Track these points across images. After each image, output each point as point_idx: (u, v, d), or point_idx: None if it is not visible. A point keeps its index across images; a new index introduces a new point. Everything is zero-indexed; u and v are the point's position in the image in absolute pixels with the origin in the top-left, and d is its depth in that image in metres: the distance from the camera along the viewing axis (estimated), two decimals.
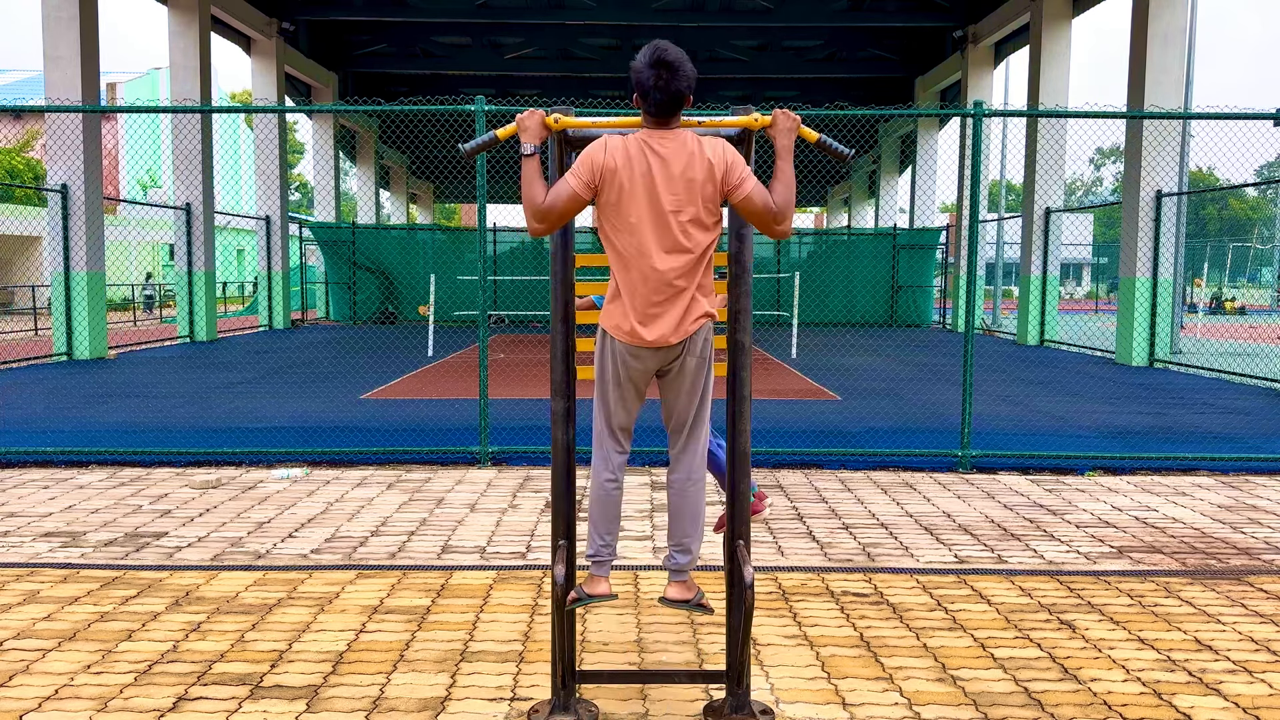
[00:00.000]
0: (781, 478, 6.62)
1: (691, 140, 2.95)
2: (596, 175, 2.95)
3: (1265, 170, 61.65)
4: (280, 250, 21.42)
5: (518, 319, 23.15)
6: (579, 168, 2.96)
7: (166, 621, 3.87)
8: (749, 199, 2.96)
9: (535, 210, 2.95)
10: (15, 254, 32.04)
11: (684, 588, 3.18)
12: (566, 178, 2.97)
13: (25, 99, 35.89)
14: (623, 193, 2.94)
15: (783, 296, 23.36)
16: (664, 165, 2.93)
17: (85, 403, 9.51)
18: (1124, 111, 8.19)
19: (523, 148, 2.96)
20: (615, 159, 2.93)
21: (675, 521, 3.20)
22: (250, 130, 46.99)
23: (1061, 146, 17.88)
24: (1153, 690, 3.32)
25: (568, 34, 25.12)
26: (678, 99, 2.94)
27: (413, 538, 5.11)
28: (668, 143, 2.94)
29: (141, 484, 6.31)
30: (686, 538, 3.18)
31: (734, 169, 2.95)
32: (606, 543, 3.18)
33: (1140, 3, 14.30)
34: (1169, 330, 14.71)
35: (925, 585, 4.39)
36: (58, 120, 13.69)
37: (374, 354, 15.01)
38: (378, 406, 9.39)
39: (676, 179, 2.93)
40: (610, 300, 3.08)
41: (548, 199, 2.96)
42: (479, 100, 6.61)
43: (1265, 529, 5.44)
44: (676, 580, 3.19)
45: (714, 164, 2.93)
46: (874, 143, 30.40)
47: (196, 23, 17.84)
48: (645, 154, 2.93)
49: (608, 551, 3.19)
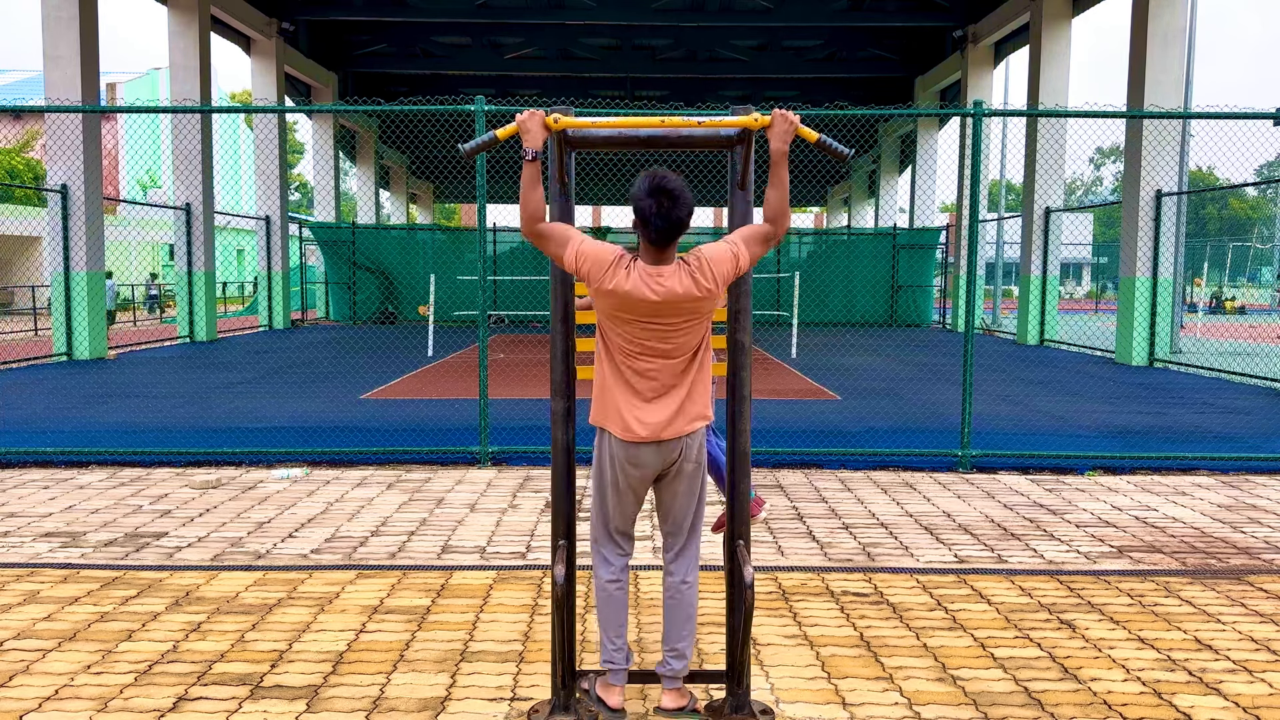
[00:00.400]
0: (781, 478, 6.62)
1: (686, 281, 2.88)
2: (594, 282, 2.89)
3: (1265, 170, 61.66)
4: (280, 250, 21.42)
5: (518, 319, 23.15)
6: (584, 256, 2.89)
7: (166, 622, 3.87)
8: (752, 260, 2.95)
9: (531, 221, 2.93)
10: (15, 254, 32.04)
11: (679, 695, 3.09)
12: (571, 238, 2.92)
13: (25, 99, 35.89)
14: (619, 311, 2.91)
15: (783, 296, 23.36)
16: (657, 307, 2.88)
17: (85, 403, 9.51)
18: (1124, 111, 8.19)
19: (524, 152, 2.95)
20: (622, 285, 2.86)
21: (671, 624, 3.10)
22: (250, 130, 46.99)
23: (1061, 146, 17.88)
24: (1153, 690, 3.32)
25: (568, 34, 25.12)
26: (678, 227, 2.90)
27: (413, 538, 5.11)
28: (665, 281, 2.88)
29: (141, 484, 6.31)
30: (681, 642, 3.08)
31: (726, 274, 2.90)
32: (619, 647, 3.07)
33: (1140, 2, 14.30)
34: (1169, 330, 14.71)
35: (925, 585, 4.39)
36: (58, 120, 13.69)
37: (374, 354, 15.01)
38: (378, 406, 9.39)
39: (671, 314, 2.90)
40: (599, 395, 3.02)
41: (547, 228, 2.93)
42: (479, 100, 6.61)
43: (1265, 528, 5.44)
44: (672, 688, 3.09)
45: (712, 290, 2.89)
46: (874, 143, 30.39)
47: (196, 23, 17.84)
48: (644, 286, 2.88)
49: (621, 657, 3.07)
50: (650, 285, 2.86)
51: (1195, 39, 16.55)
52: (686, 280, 2.88)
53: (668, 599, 3.13)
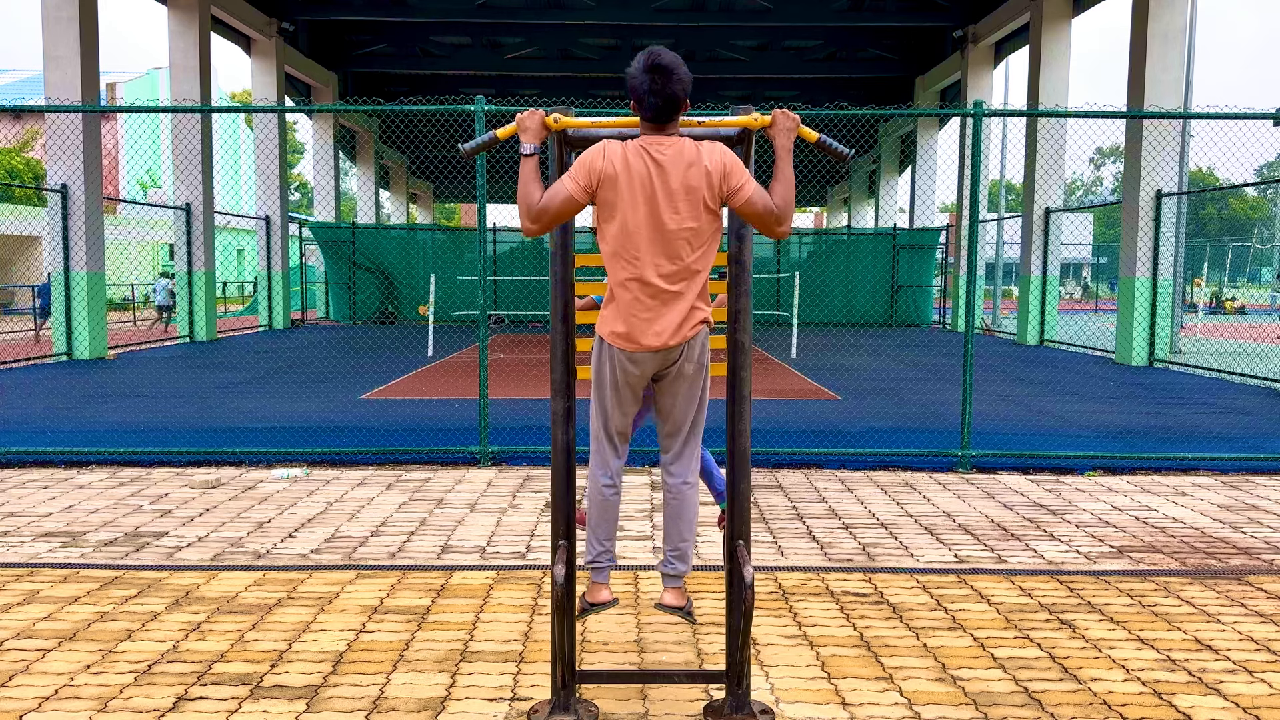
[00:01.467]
0: (781, 478, 6.62)
1: (690, 148, 2.92)
2: (594, 180, 2.93)
3: (1265, 170, 61.65)
4: (280, 250, 21.42)
5: (518, 319, 23.15)
6: (576, 171, 2.94)
7: (166, 621, 3.87)
8: (749, 202, 2.95)
9: (530, 210, 2.94)
10: (15, 254, 32.04)
11: (679, 594, 3.20)
12: (563, 180, 2.95)
13: (25, 99, 35.89)
14: (621, 199, 2.92)
15: (783, 296, 23.36)
16: (663, 174, 2.90)
17: (85, 403, 9.51)
18: (1124, 111, 8.20)
19: (522, 148, 2.95)
20: (614, 165, 2.91)
21: (672, 525, 3.19)
22: (250, 130, 46.99)
23: (1061, 146, 17.89)
24: (1153, 690, 3.32)
25: (568, 34, 25.12)
26: (674, 103, 2.92)
27: (413, 538, 5.11)
28: (666, 149, 2.91)
29: (141, 484, 6.31)
30: (684, 542, 3.18)
31: (733, 173, 2.94)
32: (606, 548, 3.18)
33: (1140, 2, 14.30)
34: (1169, 330, 14.72)
35: (925, 585, 4.39)
36: (57, 120, 13.69)
37: (374, 354, 15.01)
38: (377, 406, 9.39)
39: (676, 190, 2.91)
40: (606, 304, 3.07)
41: (543, 200, 2.93)
42: (479, 100, 6.61)
43: (1265, 529, 5.44)
44: (673, 587, 3.20)
45: (711, 171, 2.91)
46: (874, 143, 30.40)
47: (196, 23, 17.84)
48: (645, 161, 2.91)
49: (607, 558, 3.19)
50: (651, 152, 2.87)
51: (1195, 39, 16.55)
52: (690, 149, 2.88)
53: (669, 499, 3.18)
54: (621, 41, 25.51)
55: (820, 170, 29.45)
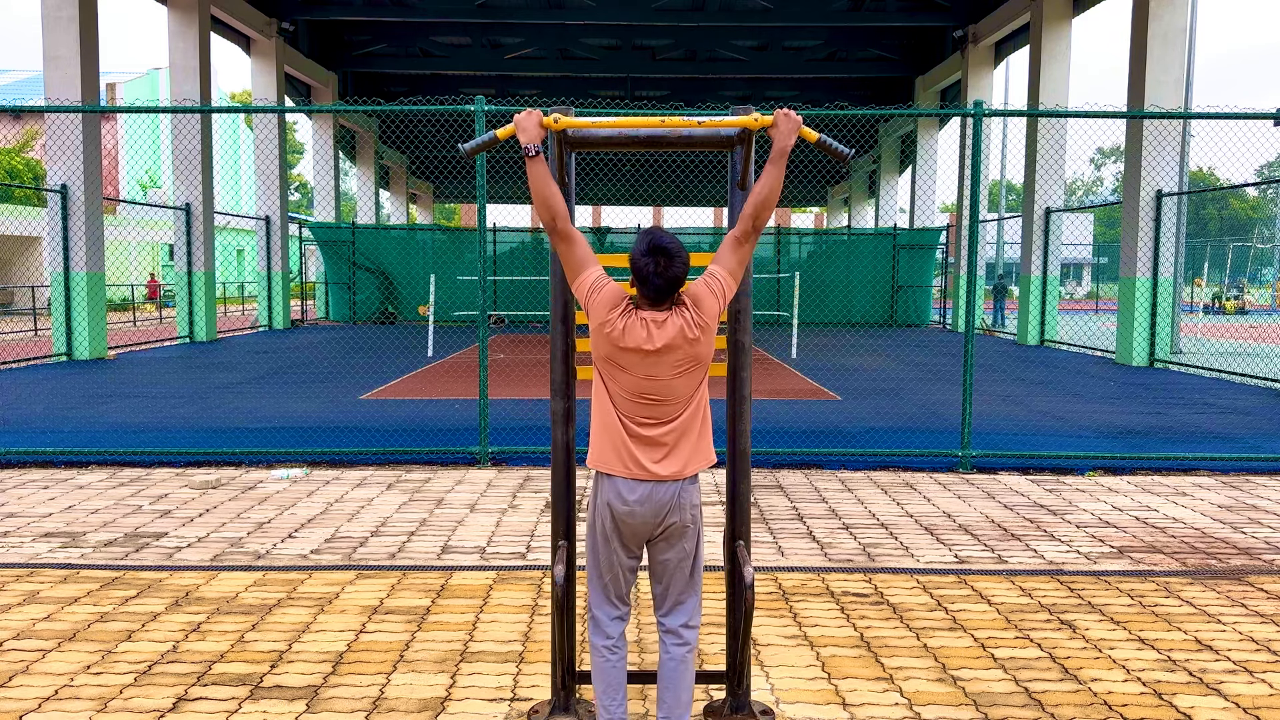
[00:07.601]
0: (781, 478, 6.61)
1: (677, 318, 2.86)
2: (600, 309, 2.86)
3: (1265, 170, 61.65)
4: (280, 250, 21.41)
5: (518, 319, 23.14)
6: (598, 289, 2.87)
7: (166, 622, 3.87)
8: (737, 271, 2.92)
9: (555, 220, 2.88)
10: (15, 254, 32.04)
11: None
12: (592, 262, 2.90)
13: (25, 99, 35.88)
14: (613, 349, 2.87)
15: (783, 296, 23.36)
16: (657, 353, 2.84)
17: (85, 403, 9.51)
18: (1124, 111, 8.18)
19: (524, 149, 2.93)
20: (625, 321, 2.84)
21: (669, 692, 2.87)
22: (250, 130, 46.99)
23: (1061, 146, 17.88)
24: (1153, 690, 3.32)
25: (568, 34, 25.11)
26: (675, 283, 2.90)
27: (412, 538, 5.11)
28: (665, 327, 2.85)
29: (141, 484, 6.31)
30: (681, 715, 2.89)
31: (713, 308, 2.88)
32: (615, 715, 2.91)
33: (1140, 2, 14.30)
34: (1169, 330, 14.71)
35: (925, 585, 4.39)
36: (57, 120, 13.69)
37: (373, 354, 15.01)
38: (377, 406, 9.39)
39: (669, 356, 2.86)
40: (597, 435, 2.93)
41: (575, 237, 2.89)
42: (479, 100, 6.61)
43: (1265, 529, 5.44)
44: None
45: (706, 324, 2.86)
46: (874, 143, 30.39)
47: (196, 23, 17.84)
48: (644, 332, 2.85)
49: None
50: (649, 330, 2.85)
51: (1195, 39, 16.54)
52: (679, 321, 2.87)
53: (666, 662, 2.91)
54: (621, 41, 25.51)
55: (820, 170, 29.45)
